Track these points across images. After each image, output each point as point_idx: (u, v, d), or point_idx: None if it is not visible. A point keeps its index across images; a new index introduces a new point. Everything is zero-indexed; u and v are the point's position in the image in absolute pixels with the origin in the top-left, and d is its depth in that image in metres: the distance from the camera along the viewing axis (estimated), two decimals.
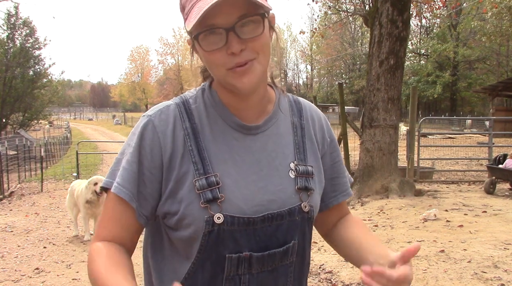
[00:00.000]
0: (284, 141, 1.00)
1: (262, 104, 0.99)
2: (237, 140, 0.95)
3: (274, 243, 0.94)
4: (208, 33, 0.86)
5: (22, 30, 23.19)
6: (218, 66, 0.88)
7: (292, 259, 0.97)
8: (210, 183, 0.90)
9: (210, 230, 0.89)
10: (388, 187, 7.23)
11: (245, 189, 0.93)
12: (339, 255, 1.16)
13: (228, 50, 0.85)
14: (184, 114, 0.95)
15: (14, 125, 24.16)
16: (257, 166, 0.95)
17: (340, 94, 9.20)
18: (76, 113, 76.04)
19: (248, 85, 0.88)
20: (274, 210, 0.93)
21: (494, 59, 33.04)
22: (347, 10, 12.56)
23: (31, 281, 4.20)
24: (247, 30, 0.86)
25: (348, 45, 45.36)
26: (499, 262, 3.88)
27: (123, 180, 0.91)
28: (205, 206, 0.89)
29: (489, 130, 10.83)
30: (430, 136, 18.32)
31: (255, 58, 0.88)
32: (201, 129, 0.94)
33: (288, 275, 0.98)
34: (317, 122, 1.08)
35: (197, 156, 0.92)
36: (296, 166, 0.98)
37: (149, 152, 0.91)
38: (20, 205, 8.22)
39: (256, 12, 0.86)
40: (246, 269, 0.92)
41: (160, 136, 0.92)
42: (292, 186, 0.97)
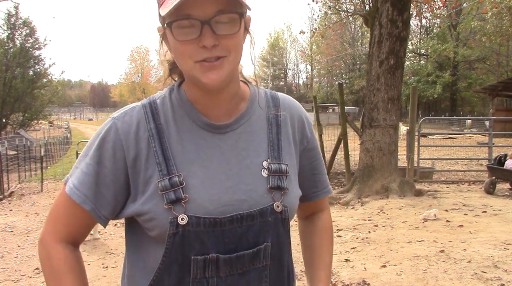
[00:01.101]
0: (257, 139, 0.97)
1: (232, 103, 0.96)
2: (205, 140, 0.93)
3: (244, 245, 0.90)
4: (182, 24, 0.83)
5: (22, 30, 23.17)
6: (186, 58, 0.86)
7: (265, 262, 0.93)
8: (173, 183, 0.88)
9: (174, 232, 0.87)
10: (388, 187, 7.23)
11: (212, 189, 0.90)
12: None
13: (200, 43, 0.83)
14: (149, 115, 0.93)
15: (14, 125, 24.15)
16: (226, 165, 0.92)
17: (340, 94, 9.20)
18: (76, 113, 76.03)
19: (215, 82, 0.86)
20: (244, 210, 0.90)
21: (494, 59, 33.04)
22: (347, 10, 12.56)
23: (31, 281, 4.20)
24: (223, 27, 0.84)
25: (348, 45, 45.36)
26: (499, 262, 3.89)
27: (79, 182, 0.91)
28: (169, 207, 0.87)
29: (489, 130, 10.83)
30: (430, 136, 18.31)
31: (226, 56, 0.86)
32: (167, 129, 0.92)
33: (262, 280, 0.94)
34: (296, 118, 1.04)
35: (161, 157, 0.90)
36: (269, 164, 0.95)
37: (112, 155, 0.90)
38: (20, 205, 8.22)
39: (234, 10, 0.84)
40: (214, 272, 0.89)
41: (122, 138, 0.90)
42: (264, 185, 0.93)
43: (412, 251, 4.34)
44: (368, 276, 3.82)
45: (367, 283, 3.70)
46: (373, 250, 4.53)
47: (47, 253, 0.93)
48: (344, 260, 4.27)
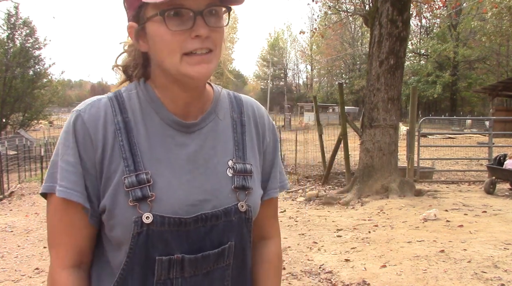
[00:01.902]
0: (223, 138, 0.96)
1: (201, 102, 0.95)
2: (172, 138, 0.91)
3: (208, 245, 0.89)
4: (175, 13, 0.82)
5: (22, 30, 23.15)
6: (174, 51, 0.83)
7: (228, 262, 0.93)
8: (140, 180, 0.85)
9: (139, 232, 0.84)
10: (388, 187, 7.23)
11: (178, 188, 0.88)
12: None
13: (193, 33, 0.82)
14: (116, 108, 0.90)
15: (14, 125, 24.14)
16: (193, 164, 0.91)
17: (340, 94, 9.20)
18: None
19: (202, 76, 0.85)
20: (209, 210, 0.89)
21: (494, 59, 33.05)
22: (347, 10, 12.56)
23: (31, 281, 4.20)
24: (213, 19, 0.84)
25: (348, 45, 45.37)
26: (499, 262, 3.89)
27: (69, 181, 0.85)
28: (134, 204, 0.84)
29: (489, 130, 10.83)
30: (430, 136, 18.32)
31: (213, 50, 0.86)
32: (135, 124, 0.90)
33: (225, 279, 0.93)
34: (258, 119, 1.03)
35: (128, 152, 0.87)
36: (234, 164, 0.94)
37: (84, 150, 0.87)
38: (20, 205, 8.22)
39: (223, 4, 0.86)
40: (178, 273, 0.87)
41: (90, 131, 0.87)
42: (229, 185, 0.93)
43: (412, 251, 4.34)
44: (368, 276, 3.82)
45: (367, 283, 3.70)
46: (373, 250, 4.53)
47: (52, 281, 0.90)
48: (344, 260, 4.27)
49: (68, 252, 0.89)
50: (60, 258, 0.89)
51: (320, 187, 8.76)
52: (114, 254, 0.90)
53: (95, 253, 0.95)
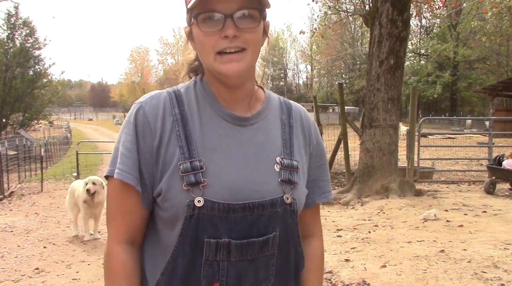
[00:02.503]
0: (272, 136, 1.03)
1: (250, 101, 1.03)
2: (225, 130, 0.98)
3: (254, 233, 0.95)
4: (208, 17, 0.91)
5: (22, 30, 23.15)
6: (209, 50, 0.93)
7: (273, 251, 0.98)
8: (194, 167, 0.93)
9: (191, 214, 0.91)
10: (388, 187, 7.23)
11: (229, 176, 0.94)
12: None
13: (222, 33, 0.91)
14: (174, 101, 0.99)
15: (14, 125, 24.14)
16: (244, 156, 0.97)
17: (340, 94, 9.20)
18: (76, 113, 76.03)
19: (233, 72, 0.93)
20: (256, 199, 0.95)
21: (494, 59, 33.02)
22: (347, 10, 12.56)
23: (31, 281, 4.20)
24: (244, 21, 0.92)
25: (348, 45, 45.34)
26: (499, 262, 3.88)
27: (126, 165, 0.95)
28: (187, 188, 0.92)
29: (489, 130, 10.83)
30: (430, 137, 18.31)
31: (245, 49, 0.93)
32: (190, 116, 0.98)
33: (269, 268, 0.98)
34: (305, 123, 1.11)
35: (184, 141, 0.95)
36: (281, 160, 1.00)
37: (142, 137, 0.96)
38: (20, 205, 8.21)
39: (254, 6, 0.92)
40: (225, 256, 0.93)
41: (150, 121, 0.96)
42: (276, 178, 0.98)
43: (412, 251, 4.34)
44: (368, 276, 3.82)
45: (367, 283, 3.70)
46: (373, 250, 4.53)
47: (108, 257, 0.99)
48: (344, 260, 4.27)
49: (122, 229, 0.98)
50: (115, 234, 0.98)
51: None
52: (168, 234, 0.97)
53: (149, 233, 1.02)
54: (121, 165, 0.95)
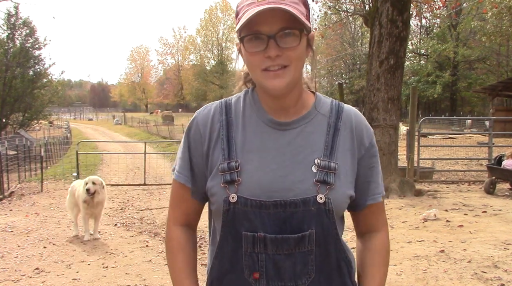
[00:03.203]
0: (314, 139, 1.09)
1: (296, 108, 1.11)
2: (267, 134, 1.08)
3: (288, 229, 1.02)
4: (253, 38, 1.01)
5: (22, 30, 23.16)
6: (255, 67, 1.03)
7: (310, 248, 1.04)
8: (230, 167, 1.05)
9: (227, 209, 1.04)
10: (388, 187, 7.23)
11: (264, 175, 1.04)
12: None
13: (265, 53, 1.00)
14: (223, 110, 1.13)
15: (14, 125, 24.14)
16: (281, 157, 1.06)
17: (340, 94, 9.21)
18: (76, 113, 75.97)
19: (278, 87, 1.02)
20: (289, 198, 1.02)
21: (494, 59, 33.01)
22: (347, 10, 12.56)
23: (31, 281, 4.20)
24: (286, 40, 1.00)
25: (348, 45, 45.33)
26: (499, 262, 3.88)
27: (179, 167, 1.15)
28: (224, 186, 1.05)
29: (489, 130, 10.83)
30: (430, 136, 18.31)
31: (288, 65, 1.02)
32: (235, 122, 1.11)
33: (308, 264, 1.05)
34: (356, 127, 1.13)
35: (225, 144, 1.08)
36: (319, 161, 1.06)
37: (193, 142, 1.13)
38: (20, 205, 8.21)
39: (295, 27, 1.01)
40: (262, 249, 1.03)
41: (201, 128, 1.12)
42: (312, 179, 1.04)
43: (412, 251, 4.34)
44: None
45: None
46: None
47: (167, 235, 1.18)
48: None
49: (178, 214, 1.17)
50: (173, 216, 1.18)
51: None
52: (218, 225, 1.11)
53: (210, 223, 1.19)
54: (177, 167, 1.15)
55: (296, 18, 0.99)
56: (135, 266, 4.61)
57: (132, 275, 4.35)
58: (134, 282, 4.16)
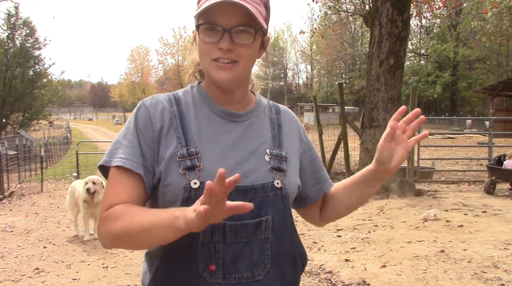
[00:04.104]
0: (262, 131, 1.13)
1: (242, 103, 1.13)
2: (219, 125, 1.09)
3: (247, 216, 0.99)
4: (209, 28, 1.02)
5: (22, 30, 23.15)
6: (206, 56, 1.04)
7: (267, 235, 1.03)
8: (190, 153, 1.02)
9: (187, 196, 0.98)
10: (388, 187, 7.23)
11: (223, 162, 1.02)
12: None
13: (218, 45, 1.01)
14: (173, 101, 1.10)
15: (14, 125, 24.14)
16: (236, 147, 1.07)
17: (340, 94, 9.20)
18: (76, 113, 76.00)
19: (223, 80, 1.03)
20: (248, 184, 1.02)
21: (494, 59, 33.02)
22: (347, 10, 12.56)
23: (31, 281, 4.20)
24: (240, 36, 1.01)
25: (348, 45, 45.33)
26: (499, 262, 3.89)
27: (126, 154, 1.03)
28: (184, 172, 1.00)
29: (489, 130, 10.83)
30: (430, 136, 18.31)
31: (237, 61, 1.03)
32: (187, 113, 1.09)
33: (264, 252, 1.03)
34: (294, 125, 1.22)
35: (181, 132, 1.05)
36: (270, 150, 1.10)
37: (144, 128, 1.05)
38: (20, 205, 8.21)
39: (251, 25, 1.02)
40: (221, 238, 0.99)
41: (151, 114, 1.06)
42: (267, 166, 1.07)
43: (412, 251, 4.34)
44: (368, 276, 3.82)
45: (367, 283, 3.70)
46: (373, 250, 4.53)
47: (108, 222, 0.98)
48: (344, 260, 4.27)
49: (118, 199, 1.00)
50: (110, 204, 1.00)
51: None
52: None
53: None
54: (123, 154, 1.03)
55: (254, 17, 1.00)
56: (135, 266, 4.61)
57: (132, 275, 4.35)
58: (134, 282, 4.16)
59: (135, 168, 1.01)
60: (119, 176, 1.02)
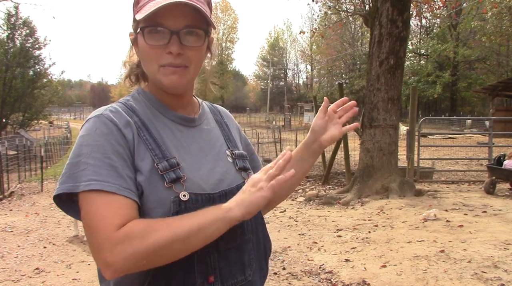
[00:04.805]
0: (215, 134, 1.13)
1: (191, 106, 1.11)
2: (181, 132, 1.04)
3: None
4: (154, 30, 0.95)
5: (22, 30, 23.12)
6: (153, 62, 0.97)
7: (249, 235, 1.05)
8: (171, 164, 0.95)
9: (177, 210, 0.91)
10: (388, 187, 7.23)
11: (200, 170, 1.00)
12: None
13: (167, 49, 0.95)
14: (130, 111, 0.99)
15: (14, 125, 24.13)
16: (202, 152, 1.04)
17: (340, 94, 9.20)
18: (76, 113, 75.95)
19: (175, 85, 0.98)
20: (225, 187, 1.02)
21: (494, 59, 33.02)
22: (347, 10, 12.55)
23: (31, 281, 4.20)
24: (189, 39, 0.96)
25: (348, 45, 45.33)
26: (499, 262, 3.88)
27: (101, 175, 0.87)
28: (170, 186, 0.92)
29: (489, 130, 10.83)
30: (430, 136, 18.31)
31: (188, 66, 0.98)
32: (148, 122, 1.00)
33: (249, 252, 1.04)
34: (233, 123, 1.25)
35: (153, 144, 0.96)
36: (231, 152, 1.11)
37: (115, 143, 0.91)
38: (20, 205, 8.21)
39: (200, 27, 0.97)
40: (214, 248, 0.96)
41: (119, 127, 0.93)
42: (233, 167, 1.08)
43: (412, 251, 4.34)
44: (368, 276, 3.82)
45: (367, 283, 3.70)
46: (373, 250, 4.53)
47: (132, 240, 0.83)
48: (344, 260, 4.27)
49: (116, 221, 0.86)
50: (114, 219, 0.85)
51: (320, 187, 8.76)
52: None
53: None
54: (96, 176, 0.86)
55: (205, 17, 0.95)
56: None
57: None
58: None
59: (118, 190, 0.88)
60: (100, 197, 0.87)
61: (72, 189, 0.87)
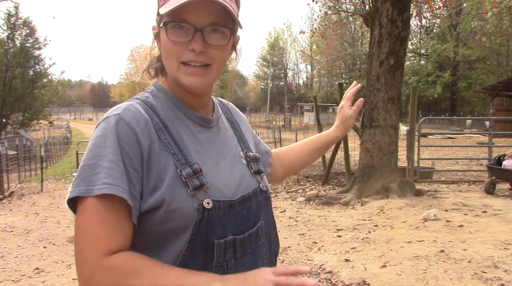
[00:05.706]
0: (229, 134, 1.09)
1: (209, 105, 1.07)
2: (201, 134, 1.00)
3: (248, 225, 0.98)
4: (178, 26, 0.91)
5: (22, 30, 23.16)
6: (174, 58, 0.93)
7: (263, 240, 1.03)
8: (195, 170, 0.91)
9: (201, 218, 0.89)
10: (388, 187, 7.23)
11: (221, 175, 0.97)
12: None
13: (189, 46, 0.91)
14: (150, 111, 0.94)
15: (14, 125, 24.14)
16: (221, 154, 1.01)
17: (340, 94, 9.20)
18: (76, 113, 75.99)
19: (194, 86, 0.94)
20: (244, 192, 0.99)
21: (494, 59, 33.03)
22: (347, 10, 12.55)
23: (31, 281, 4.20)
24: (214, 37, 0.92)
25: (348, 45, 45.34)
26: (499, 262, 3.88)
27: (115, 179, 0.84)
28: (193, 193, 0.89)
29: (489, 130, 10.83)
30: (430, 136, 18.31)
31: (210, 65, 0.94)
32: (170, 123, 0.96)
33: (262, 257, 1.02)
34: (244, 120, 1.22)
35: (175, 148, 0.92)
36: (245, 154, 1.08)
37: (129, 149, 0.87)
38: (20, 205, 8.21)
39: (226, 25, 0.92)
40: (232, 254, 0.93)
41: (136, 131, 0.88)
42: (248, 170, 1.05)
43: (412, 251, 4.34)
44: (368, 276, 3.82)
45: (367, 283, 3.70)
46: (373, 250, 4.53)
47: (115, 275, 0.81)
48: (344, 260, 4.27)
49: (108, 243, 0.83)
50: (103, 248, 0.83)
51: (320, 187, 8.76)
52: (170, 245, 0.90)
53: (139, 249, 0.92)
54: (109, 179, 0.83)
55: (231, 15, 0.91)
56: None
57: None
58: None
59: (128, 198, 0.85)
60: (105, 207, 0.83)
61: (85, 193, 0.84)
